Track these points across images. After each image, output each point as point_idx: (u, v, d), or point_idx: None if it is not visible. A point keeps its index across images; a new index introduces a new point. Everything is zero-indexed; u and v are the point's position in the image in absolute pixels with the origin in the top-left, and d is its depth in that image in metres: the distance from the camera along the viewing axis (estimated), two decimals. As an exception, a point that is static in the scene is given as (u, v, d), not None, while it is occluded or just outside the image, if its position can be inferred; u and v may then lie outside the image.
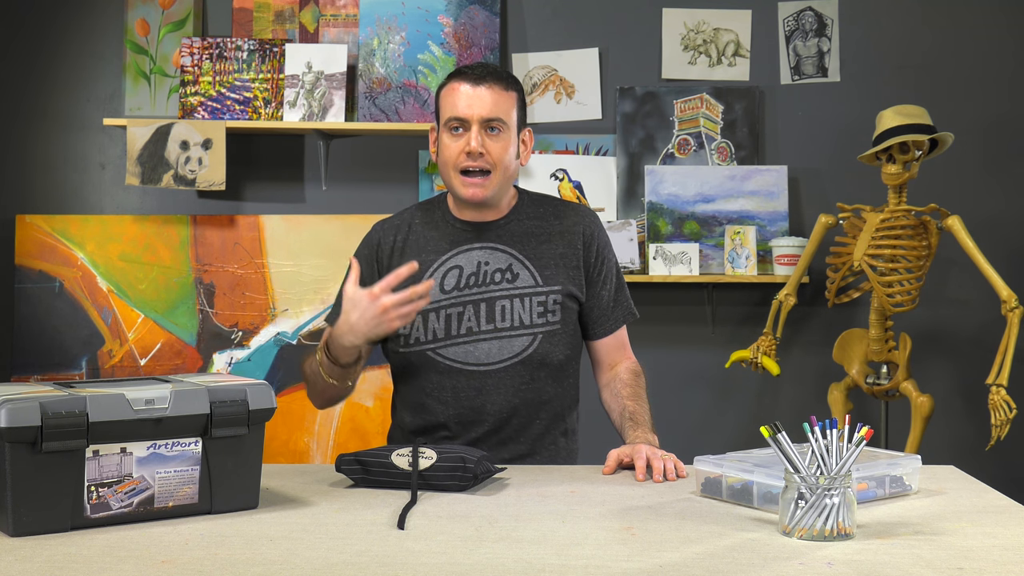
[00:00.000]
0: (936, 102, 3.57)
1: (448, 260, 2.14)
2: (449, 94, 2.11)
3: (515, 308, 2.11)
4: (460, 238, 2.15)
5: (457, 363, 2.10)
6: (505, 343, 2.10)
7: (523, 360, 2.11)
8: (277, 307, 3.66)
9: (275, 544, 1.45)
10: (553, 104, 3.73)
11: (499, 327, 2.10)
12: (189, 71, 3.66)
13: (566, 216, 2.20)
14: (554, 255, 2.16)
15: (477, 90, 2.08)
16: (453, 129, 2.09)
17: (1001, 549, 1.44)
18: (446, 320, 2.10)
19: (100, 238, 3.65)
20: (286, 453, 3.56)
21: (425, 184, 3.71)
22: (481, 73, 2.09)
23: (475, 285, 2.12)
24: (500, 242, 2.15)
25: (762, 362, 3.46)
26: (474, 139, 2.06)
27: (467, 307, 2.11)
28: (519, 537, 1.49)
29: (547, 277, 2.14)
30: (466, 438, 2.11)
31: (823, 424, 1.54)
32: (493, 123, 2.08)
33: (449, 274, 2.13)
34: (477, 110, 2.07)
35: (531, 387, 2.12)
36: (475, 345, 2.10)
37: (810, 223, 3.68)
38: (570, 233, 2.18)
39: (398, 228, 2.20)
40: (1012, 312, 3.16)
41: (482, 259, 2.14)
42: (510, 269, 2.13)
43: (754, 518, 1.60)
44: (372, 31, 3.71)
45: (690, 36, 3.74)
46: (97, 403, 1.51)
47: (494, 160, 2.08)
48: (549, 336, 2.12)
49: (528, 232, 2.17)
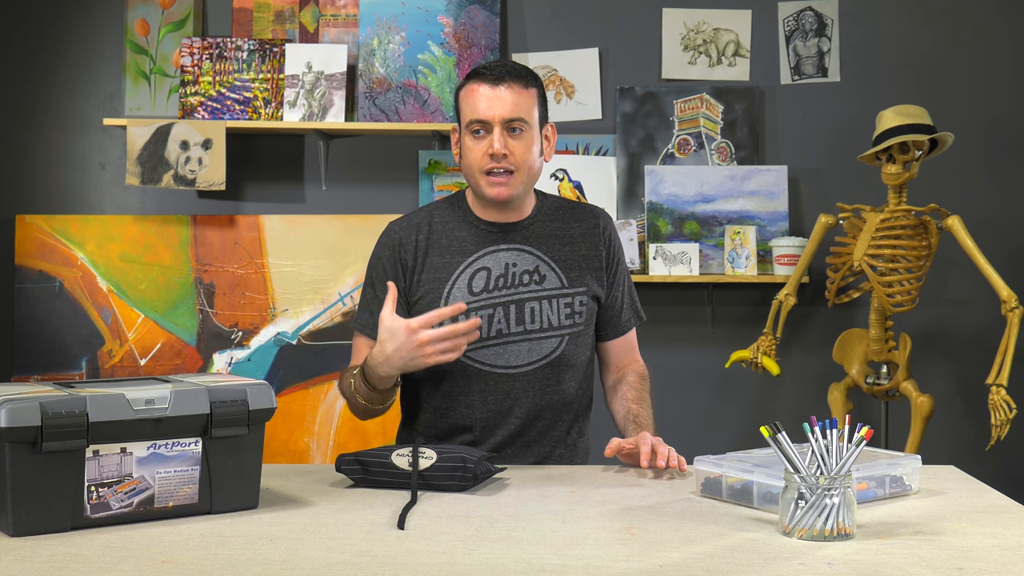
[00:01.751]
0: (936, 102, 3.57)
1: (475, 261, 2.11)
2: (468, 96, 2.08)
3: (544, 310, 2.10)
4: (486, 239, 2.13)
5: (487, 365, 2.08)
6: (535, 345, 2.09)
7: (551, 362, 2.10)
8: (277, 307, 3.66)
9: (275, 544, 1.45)
10: (553, 104, 3.73)
11: (528, 329, 2.09)
12: (189, 71, 3.66)
13: (585, 218, 2.20)
14: (577, 257, 2.15)
15: (497, 91, 2.05)
16: (475, 132, 2.06)
17: (1001, 549, 1.44)
18: None
19: (100, 238, 3.65)
20: (286, 453, 3.56)
21: (425, 184, 3.71)
22: (500, 73, 2.06)
23: (504, 287, 2.10)
24: (527, 243, 2.13)
25: (762, 362, 3.46)
26: (496, 141, 2.03)
27: (497, 309, 2.09)
28: (519, 537, 1.49)
29: (572, 279, 2.14)
30: (492, 441, 2.10)
31: (823, 424, 1.54)
32: (515, 123, 2.05)
33: (477, 275, 2.10)
34: (498, 111, 2.04)
35: (557, 389, 2.12)
36: (505, 347, 2.09)
37: (810, 223, 3.68)
38: (591, 235, 2.18)
39: (418, 227, 2.15)
40: (1012, 312, 3.16)
41: (509, 260, 2.12)
42: (537, 271, 2.12)
43: (754, 518, 1.60)
44: (372, 31, 3.71)
45: (690, 36, 3.74)
46: (97, 403, 1.51)
47: (518, 161, 2.05)
48: (575, 337, 2.12)
49: (551, 234, 2.16)
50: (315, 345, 3.64)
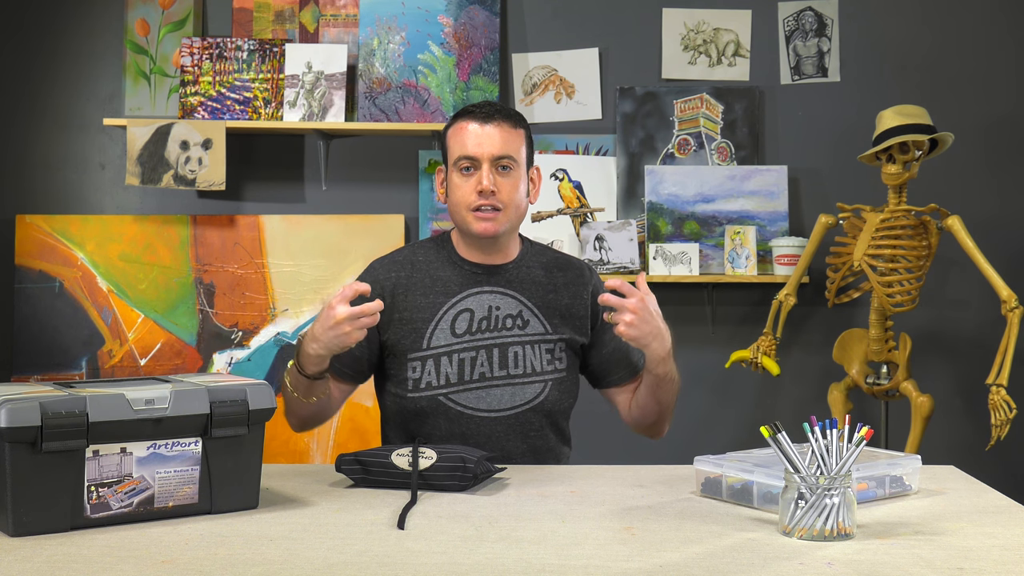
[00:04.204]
0: (936, 102, 3.56)
1: (458, 302, 2.10)
2: (457, 133, 2.09)
3: (527, 355, 2.10)
4: (469, 280, 2.12)
5: (469, 409, 2.07)
6: (518, 390, 2.09)
7: (534, 407, 2.09)
8: (277, 307, 3.66)
9: (275, 544, 1.45)
10: (553, 104, 3.73)
11: (512, 373, 2.08)
12: (189, 71, 3.66)
13: (570, 269, 2.19)
14: (560, 305, 2.14)
15: (486, 128, 2.06)
16: (464, 169, 2.07)
17: (1001, 549, 1.44)
18: (459, 365, 2.07)
19: (100, 238, 3.65)
20: (286, 453, 3.56)
21: (425, 184, 3.71)
22: (489, 112, 2.08)
23: (487, 330, 2.09)
24: (510, 288, 2.12)
25: (762, 362, 3.46)
26: (485, 177, 2.04)
27: (480, 352, 2.08)
28: (519, 537, 1.49)
29: (554, 325, 2.13)
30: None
31: (823, 424, 1.54)
32: (503, 161, 2.06)
33: (460, 317, 2.09)
34: (487, 148, 2.05)
35: (540, 434, 2.12)
36: (488, 391, 2.08)
37: (810, 223, 3.68)
38: (575, 285, 2.17)
39: (400, 264, 2.14)
40: (1012, 312, 3.16)
41: (492, 303, 2.11)
42: (520, 316, 2.11)
43: (754, 518, 1.60)
44: (372, 31, 3.71)
45: (690, 36, 3.74)
46: (97, 403, 1.51)
47: (505, 199, 2.06)
48: (558, 383, 2.12)
49: (535, 280, 2.14)
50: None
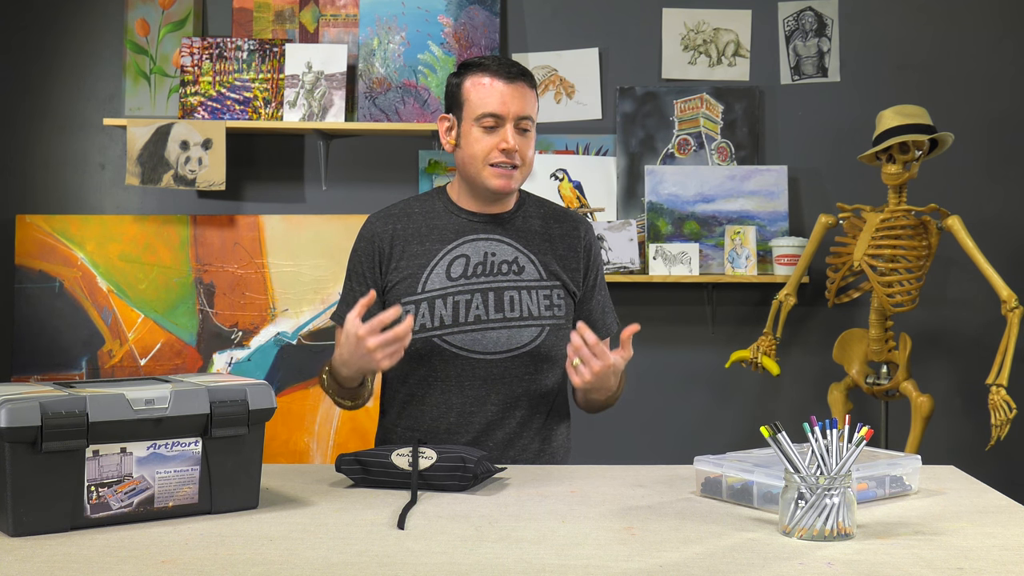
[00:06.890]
0: (936, 102, 3.56)
1: (454, 248, 2.13)
2: (478, 88, 2.10)
3: (523, 299, 2.12)
4: (465, 227, 2.15)
5: (464, 351, 2.09)
6: (514, 333, 2.10)
7: (530, 352, 2.11)
8: (277, 307, 3.66)
9: (275, 544, 1.45)
10: (553, 104, 3.73)
11: (508, 317, 2.10)
12: (189, 71, 3.66)
13: (566, 221, 2.22)
14: (556, 255, 2.17)
15: (512, 88, 2.09)
16: (486, 126, 2.09)
17: (1001, 549, 1.44)
18: (453, 307, 2.09)
19: (100, 238, 3.65)
20: (286, 453, 3.56)
21: (425, 184, 3.71)
22: (514, 71, 2.10)
23: (483, 274, 2.12)
24: (506, 235, 2.15)
25: (762, 362, 3.46)
26: (511, 136, 2.07)
27: (475, 295, 2.10)
28: (519, 537, 1.49)
29: (551, 273, 2.15)
30: (469, 429, 2.09)
31: (823, 424, 1.54)
32: (524, 121, 2.10)
33: (456, 262, 2.12)
34: (513, 109, 2.08)
35: (535, 379, 2.13)
36: (483, 334, 2.09)
37: (810, 223, 3.68)
38: (571, 238, 2.20)
39: (396, 217, 2.18)
40: (1012, 312, 3.16)
41: (488, 249, 2.14)
42: (516, 262, 2.14)
43: (754, 518, 1.60)
44: (372, 31, 3.71)
45: (690, 36, 3.74)
46: (97, 403, 1.51)
47: (524, 157, 2.11)
48: (555, 329, 2.13)
49: (532, 230, 2.18)
50: (315, 345, 3.64)
